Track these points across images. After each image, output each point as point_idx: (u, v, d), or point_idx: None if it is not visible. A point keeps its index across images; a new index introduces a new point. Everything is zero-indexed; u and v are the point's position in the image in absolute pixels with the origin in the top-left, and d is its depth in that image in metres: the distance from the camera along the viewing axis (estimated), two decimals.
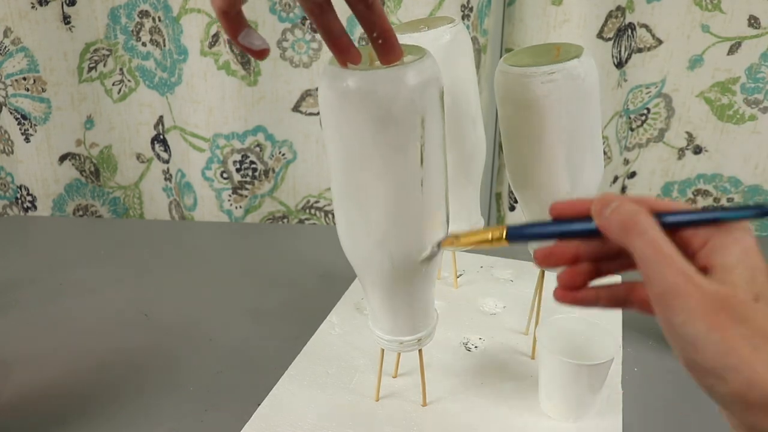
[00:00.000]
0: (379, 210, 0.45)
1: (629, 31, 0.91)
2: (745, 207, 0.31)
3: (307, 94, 0.97)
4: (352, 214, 0.47)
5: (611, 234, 0.31)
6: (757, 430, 0.25)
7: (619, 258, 0.34)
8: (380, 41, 0.38)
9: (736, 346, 0.25)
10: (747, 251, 0.28)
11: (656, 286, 0.28)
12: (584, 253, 0.34)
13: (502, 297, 0.74)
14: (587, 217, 0.33)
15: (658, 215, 0.31)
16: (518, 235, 0.37)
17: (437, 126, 0.44)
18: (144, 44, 0.99)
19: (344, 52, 0.39)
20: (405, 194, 0.45)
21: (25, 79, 0.96)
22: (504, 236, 0.38)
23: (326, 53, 0.95)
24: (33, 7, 0.92)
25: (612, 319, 0.70)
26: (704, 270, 0.29)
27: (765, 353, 0.25)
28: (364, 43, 0.92)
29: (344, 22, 0.39)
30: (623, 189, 1.03)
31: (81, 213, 1.07)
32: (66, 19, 0.95)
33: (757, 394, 0.24)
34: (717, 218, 0.31)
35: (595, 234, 0.33)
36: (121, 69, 1.01)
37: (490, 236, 0.39)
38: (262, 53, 0.38)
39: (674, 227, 0.31)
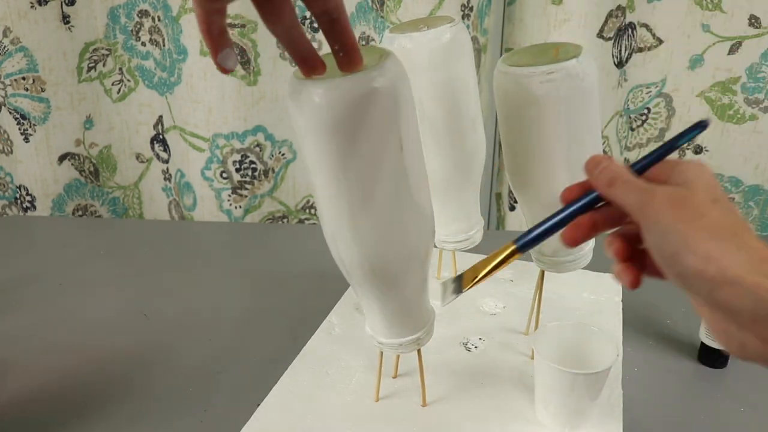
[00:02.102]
0: (327, 213, 0.45)
1: (629, 30, 0.91)
2: (690, 128, 0.36)
3: None
4: (318, 213, 0.47)
5: (600, 189, 0.35)
6: (718, 303, 0.29)
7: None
8: (341, 54, 0.39)
9: (696, 233, 0.30)
10: (702, 171, 0.33)
11: (633, 205, 0.33)
12: (600, 220, 0.37)
13: (502, 297, 0.74)
14: (585, 193, 0.36)
15: (630, 166, 0.36)
16: (527, 242, 0.37)
17: (387, 136, 0.42)
18: (143, 44, 0.99)
19: (310, 66, 0.40)
20: (347, 203, 0.43)
21: (24, 78, 0.96)
22: (514, 249, 0.38)
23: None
24: (32, 7, 0.92)
25: (612, 318, 0.70)
26: None
27: (720, 240, 0.30)
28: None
29: None
30: None
31: (80, 213, 1.07)
32: (65, 19, 0.95)
33: (713, 269, 0.29)
34: (673, 146, 0.36)
35: (594, 202, 0.36)
36: (120, 69, 1.01)
37: (502, 256, 0.38)
38: (226, 72, 0.40)
39: (644, 169, 0.36)
